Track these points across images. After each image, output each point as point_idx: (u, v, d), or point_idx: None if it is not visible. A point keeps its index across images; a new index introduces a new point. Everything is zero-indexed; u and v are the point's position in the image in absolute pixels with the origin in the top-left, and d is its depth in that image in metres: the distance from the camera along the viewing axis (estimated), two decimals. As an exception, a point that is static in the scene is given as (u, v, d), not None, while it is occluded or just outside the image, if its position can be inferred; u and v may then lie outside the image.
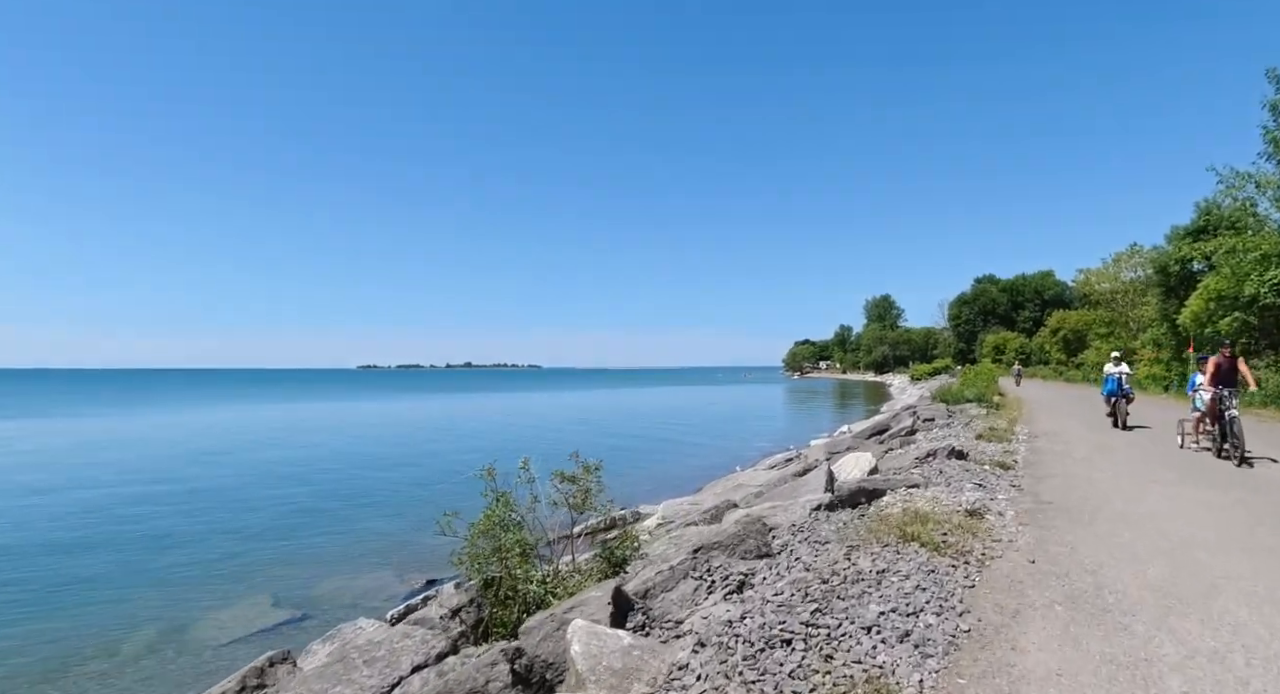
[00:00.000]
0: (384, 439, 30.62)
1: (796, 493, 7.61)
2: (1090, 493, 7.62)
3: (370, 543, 12.43)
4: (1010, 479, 8.50)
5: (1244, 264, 21.72)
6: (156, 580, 10.08)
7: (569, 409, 51.20)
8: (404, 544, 12.11)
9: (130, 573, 10.50)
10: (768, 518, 6.53)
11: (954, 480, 8.13)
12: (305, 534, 13.11)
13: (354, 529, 13.49)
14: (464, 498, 6.43)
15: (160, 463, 22.34)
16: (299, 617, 8.48)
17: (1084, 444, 12.26)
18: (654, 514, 13.51)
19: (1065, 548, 5.29)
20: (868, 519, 6.20)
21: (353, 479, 19.43)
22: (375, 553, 11.71)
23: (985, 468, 9.04)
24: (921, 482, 7.84)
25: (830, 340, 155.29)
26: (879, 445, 13.67)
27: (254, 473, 20.30)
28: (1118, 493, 7.61)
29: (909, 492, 7.54)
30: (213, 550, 11.83)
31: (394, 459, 23.56)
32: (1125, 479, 8.56)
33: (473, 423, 38.90)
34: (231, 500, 16.26)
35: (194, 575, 10.34)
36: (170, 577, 10.31)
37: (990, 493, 7.59)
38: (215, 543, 12.36)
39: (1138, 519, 6.27)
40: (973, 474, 8.49)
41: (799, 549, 5.27)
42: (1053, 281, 78.15)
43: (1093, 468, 9.51)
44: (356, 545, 12.25)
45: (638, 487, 18.04)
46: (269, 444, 27.90)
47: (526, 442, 28.09)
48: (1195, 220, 28.29)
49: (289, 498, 16.65)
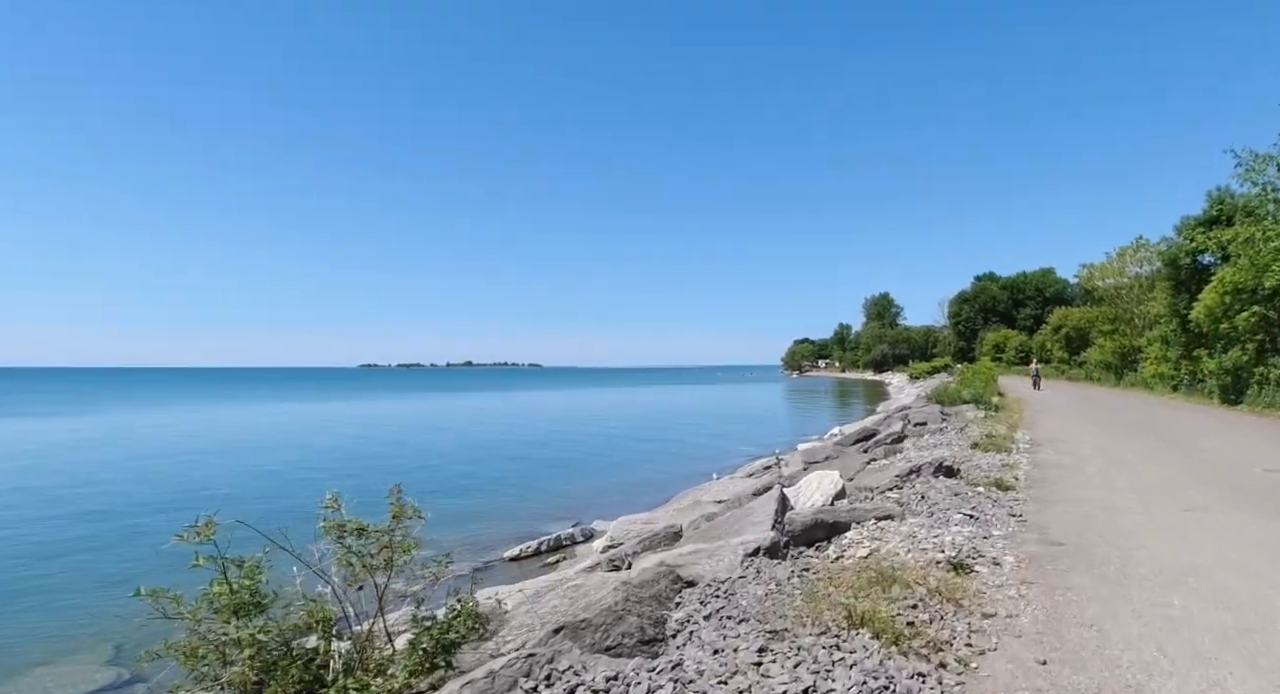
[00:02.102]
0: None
1: (737, 526, 5.98)
2: (1113, 527, 5.95)
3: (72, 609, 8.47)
4: (1009, 505, 6.83)
5: (1263, 254, 20.02)
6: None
7: (557, 409, 49.49)
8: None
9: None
10: (686, 568, 4.90)
11: (939, 508, 6.46)
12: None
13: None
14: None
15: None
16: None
17: (1096, 455, 10.59)
18: (606, 533, 11.87)
19: (1090, 631, 3.61)
20: (813, 575, 4.53)
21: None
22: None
23: (979, 490, 7.36)
24: (897, 511, 6.17)
25: (829, 339, 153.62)
26: (862, 454, 12.03)
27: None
28: (1149, 526, 5.94)
29: (879, 526, 5.87)
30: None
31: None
32: (1154, 504, 6.88)
33: (444, 425, 37.20)
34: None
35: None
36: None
37: (984, 527, 5.92)
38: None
39: (1184, 572, 4.60)
40: (963, 499, 6.82)
41: (703, 633, 3.61)
42: (1054, 279, 76.52)
43: (1111, 487, 7.84)
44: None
45: (603, 496, 16.44)
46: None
47: (492, 448, 26.46)
48: (1208, 209, 26.53)
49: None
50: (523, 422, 38.80)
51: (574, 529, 12.78)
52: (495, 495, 16.71)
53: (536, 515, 14.46)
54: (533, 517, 14.35)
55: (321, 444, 27.14)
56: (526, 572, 10.65)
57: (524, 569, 10.83)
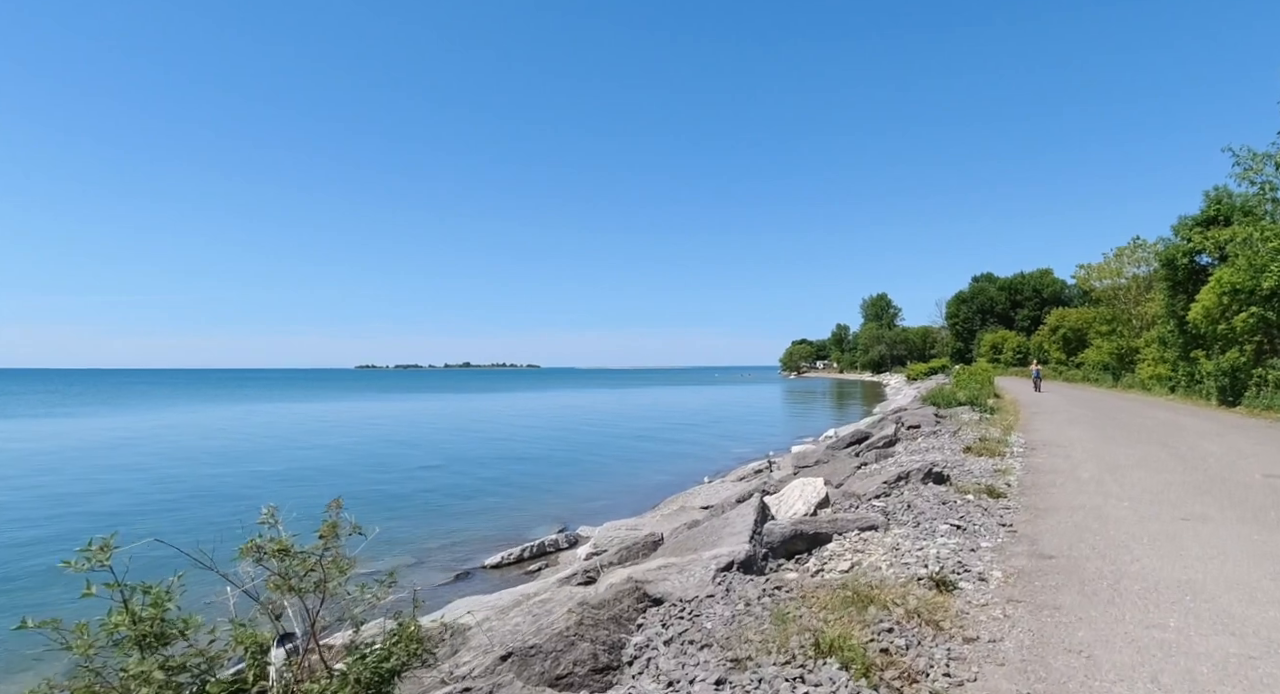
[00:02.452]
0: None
1: (714, 538, 5.70)
2: (1106, 538, 5.68)
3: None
4: (1000, 514, 6.55)
5: (1261, 254, 19.78)
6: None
7: (550, 410, 49.14)
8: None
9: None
10: (655, 584, 4.61)
11: (925, 517, 6.19)
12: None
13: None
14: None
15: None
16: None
17: (1091, 459, 10.33)
18: (591, 539, 11.60)
19: (1079, 658, 3.34)
20: (786, 593, 4.25)
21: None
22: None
23: (968, 497, 7.09)
24: (881, 521, 5.90)
25: (828, 340, 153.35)
26: (853, 458, 11.74)
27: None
28: (1144, 539, 5.67)
29: (862, 537, 5.60)
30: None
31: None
32: (1150, 512, 6.62)
33: (433, 426, 36.87)
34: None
35: None
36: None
37: (971, 538, 5.65)
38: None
39: (1181, 590, 4.33)
40: (951, 508, 6.54)
41: (661, 660, 3.33)
42: (1051, 280, 76.37)
43: (1105, 495, 7.57)
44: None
45: (592, 500, 16.19)
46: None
47: (480, 450, 26.16)
48: (1205, 209, 26.29)
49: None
50: (515, 423, 38.48)
51: (559, 534, 12.51)
52: (482, 499, 16.40)
53: (524, 520, 14.17)
54: (520, 521, 14.06)
55: (303, 447, 26.78)
56: (507, 579, 10.36)
57: (505, 577, 10.55)
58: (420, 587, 9.86)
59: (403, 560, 11.25)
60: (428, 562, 11.21)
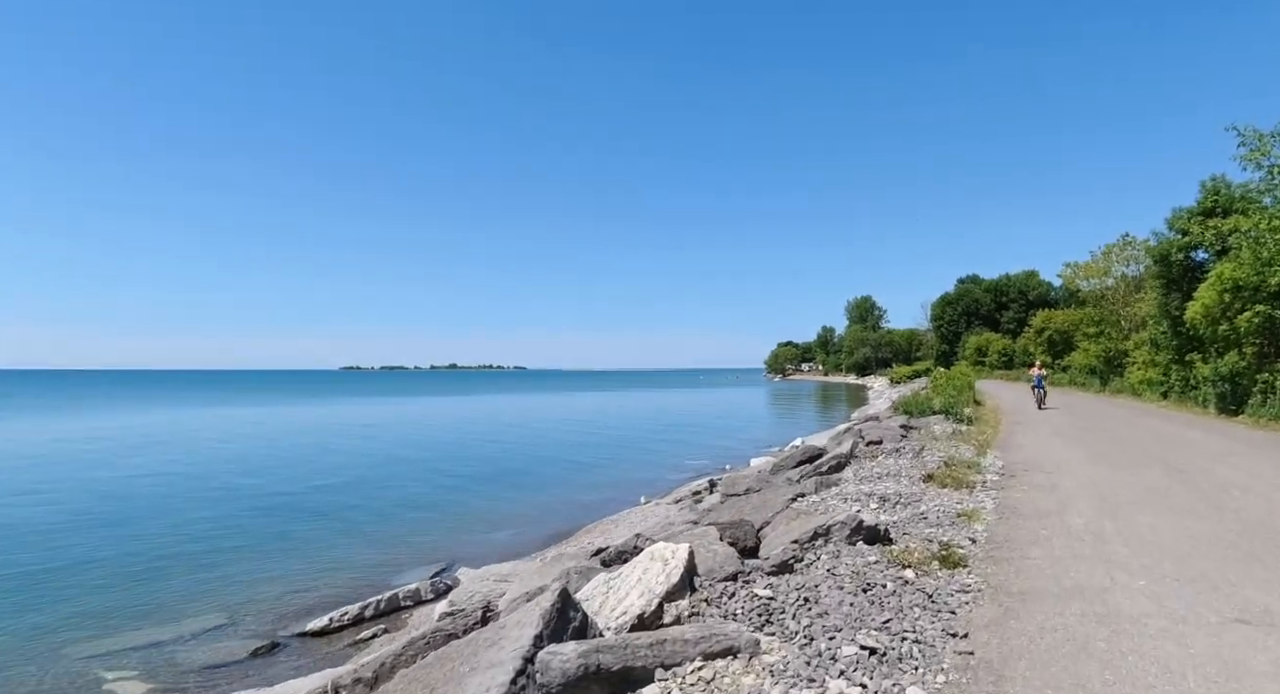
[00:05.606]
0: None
1: (466, 667, 3.29)
2: (1124, 672, 3.31)
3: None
4: (952, 608, 4.16)
5: (1269, 246, 17.65)
6: None
7: (514, 413, 46.41)
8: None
9: None
10: None
11: (828, 622, 3.78)
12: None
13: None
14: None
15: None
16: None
17: (1084, 493, 7.99)
18: (453, 592, 9.10)
19: None
20: None
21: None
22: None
23: (907, 575, 4.69)
24: (747, 638, 3.48)
25: (813, 342, 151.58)
26: (792, 486, 9.35)
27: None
28: (1189, 669, 3.30)
29: (703, 675, 3.18)
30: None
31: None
32: (1183, 607, 4.25)
33: (372, 434, 34.14)
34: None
35: None
36: None
37: (894, 675, 3.25)
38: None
39: None
40: (876, 600, 4.14)
41: None
42: (1038, 282, 74.68)
43: (1108, 561, 5.21)
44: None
45: (498, 530, 13.55)
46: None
47: (400, 465, 23.52)
48: (1202, 200, 24.16)
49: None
50: (467, 430, 35.82)
51: (431, 580, 10.06)
52: (366, 528, 13.52)
53: (402, 557, 11.63)
54: (396, 559, 11.52)
55: (205, 463, 23.99)
56: (326, 654, 7.79)
57: (327, 648, 7.99)
58: (193, 667, 7.38)
59: (205, 622, 8.69)
60: (238, 623, 8.62)
